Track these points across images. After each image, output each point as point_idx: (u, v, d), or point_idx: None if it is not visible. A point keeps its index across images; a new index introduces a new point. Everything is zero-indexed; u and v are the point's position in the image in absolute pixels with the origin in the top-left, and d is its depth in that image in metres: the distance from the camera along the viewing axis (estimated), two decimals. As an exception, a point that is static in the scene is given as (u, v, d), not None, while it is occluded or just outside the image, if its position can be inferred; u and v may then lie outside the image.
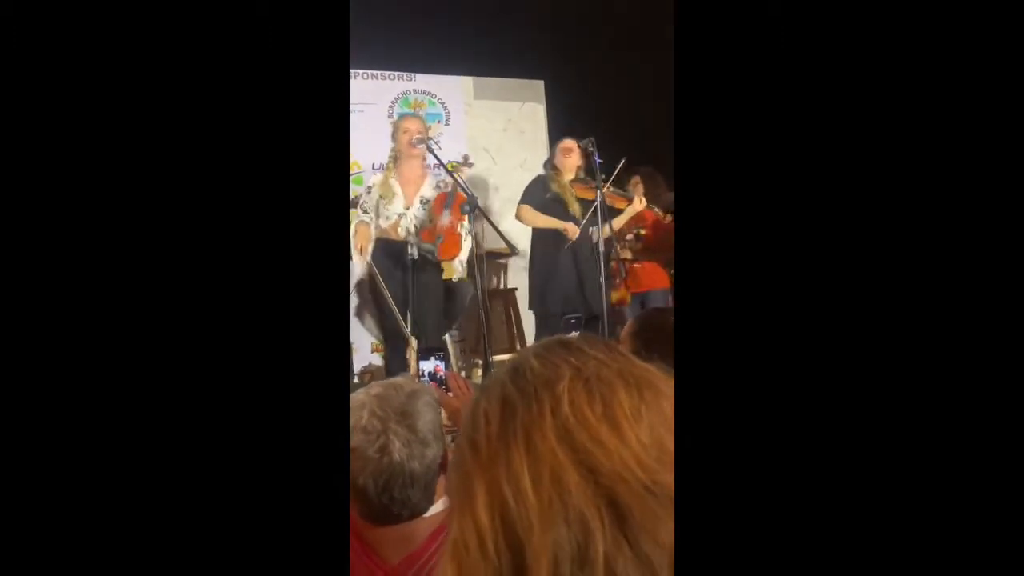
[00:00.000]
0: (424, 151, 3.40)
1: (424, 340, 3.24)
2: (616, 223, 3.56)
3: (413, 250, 3.32)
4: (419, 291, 3.35)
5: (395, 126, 3.53)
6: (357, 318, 3.66)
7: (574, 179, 3.66)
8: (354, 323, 3.67)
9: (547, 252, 3.59)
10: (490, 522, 0.50)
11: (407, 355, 3.35)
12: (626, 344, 1.69)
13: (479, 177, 4.80)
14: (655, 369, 0.56)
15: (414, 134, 3.35)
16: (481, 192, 4.31)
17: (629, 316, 3.44)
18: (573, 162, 3.65)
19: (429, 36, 4.47)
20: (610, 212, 3.46)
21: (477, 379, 3.65)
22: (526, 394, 0.54)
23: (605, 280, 3.39)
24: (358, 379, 3.54)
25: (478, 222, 3.43)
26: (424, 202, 3.39)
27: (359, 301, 3.60)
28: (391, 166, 3.45)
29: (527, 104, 5.14)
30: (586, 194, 3.60)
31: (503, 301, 4.55)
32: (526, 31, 4.50)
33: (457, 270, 3.46)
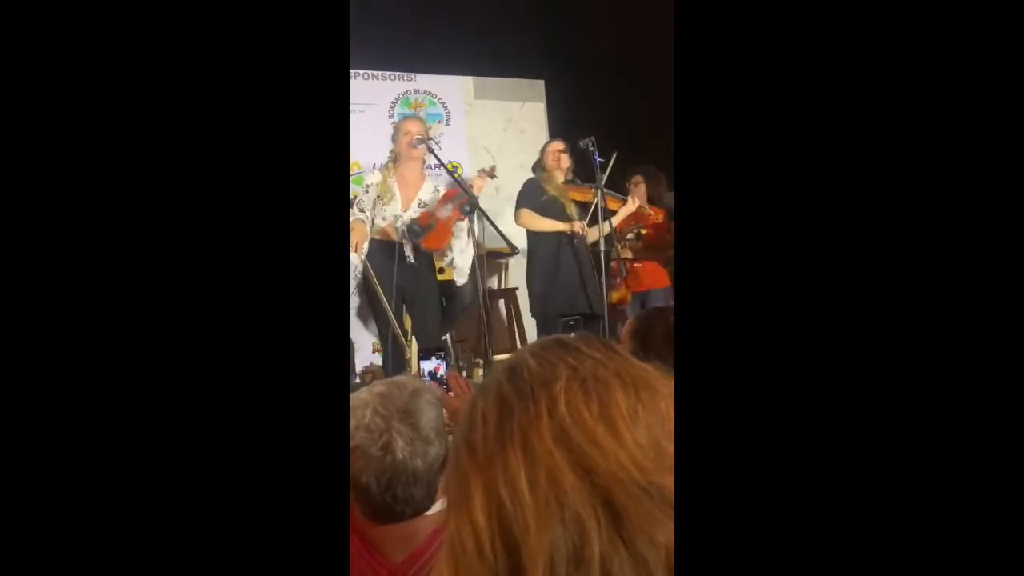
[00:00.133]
0: (424, 153, 3.41)
1: (422, 340, 3.25)
2: (595, 234, 3.56)
3: (408, 251, 3.33)
4: (415, 291, 3.36)
5: (396, 127, 3.54)
6: (359, 318, 3.67)
7: (566, 181, 3.65)
8: (356, 323, 3.67)
9: (544, 254, 3.58)
10: (487, 523, 0.51)
11: (406, 354, 3.36)
12: (626, 343, 1.69)
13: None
14: (652, 369, 0.56)
15: (415, 136, 3.36)
16: (481, 192, 4.31)
17: (630, 315, 3.44)
18: (564, 164, 3.64)
19: (429, 36, 4.47)
20: (607, 213, 3.46)
21: (478, 379, 3.65)
22: (523, 394, 0.54)
23: (605, 280, 3.39)
24: (360, 379, 3.54)
25: (478, 222, 3.43)
26: (422, 205, 3.40)
27: (360, 301, 3.61)
28: (390, 166, 3.46)
29: (528, 104, 5.14)
30: (581, 196, 3.60)
31: (504, 301, 4.56)
32: (526, 31, 4.50)
33: (450, 262, 3.46)
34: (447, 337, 3.66)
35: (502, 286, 4.65)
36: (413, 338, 3.38)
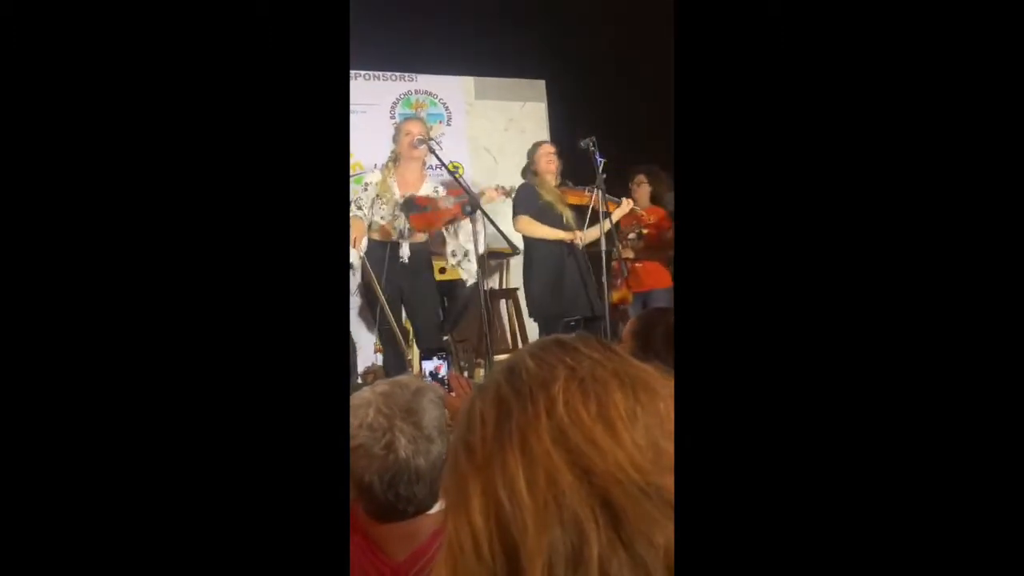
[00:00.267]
0: (424, 153, 3.42)
1: (421, 340, 3.25)
2: (593, 232, 3.56)
3: (403, 250, 3.34)
4: (412, 291, 3.37)
5: (397, 128, 3.56)
6: (360, 318, 3.67)
7: (560, 184, 3.65)
8: (357, 323, 3.68)
9: (541, 258, 3.57)
10: (485, 524, 0.50)
11: (405, 355, 3.37)
12: (627, 343, 1.70)
13: (480, 177, 4.82)
14: (651, 369, 0.56)
15: (415, 136, 3.38)
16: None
17: (632, 315, 3.44)
18: (555, 167, 3.64)
19: (430, 37, 4.48)
20: (606, 214, 3.46)
21: (479, 379, 3.65)
22: (521, 395, 0.53)
23: (606, 280, 3.40)
24: (361, 379, 3.55)
25: (479, 222, 3.44)
26: (432, 230, 3.42)
27: (362, 301, 3.61)
28: (390, 166, 3.47)
29: (528, 104, 5.15)
30: (576, 199, 3.60)
31: (505, 301, 4.57)
32: (527, 31, 4.51)
33: (458, 263, 3.47)
34: (448, 337, 3.66)
35: (503, 286, 4.66)
36: (414, 339, 3.39)
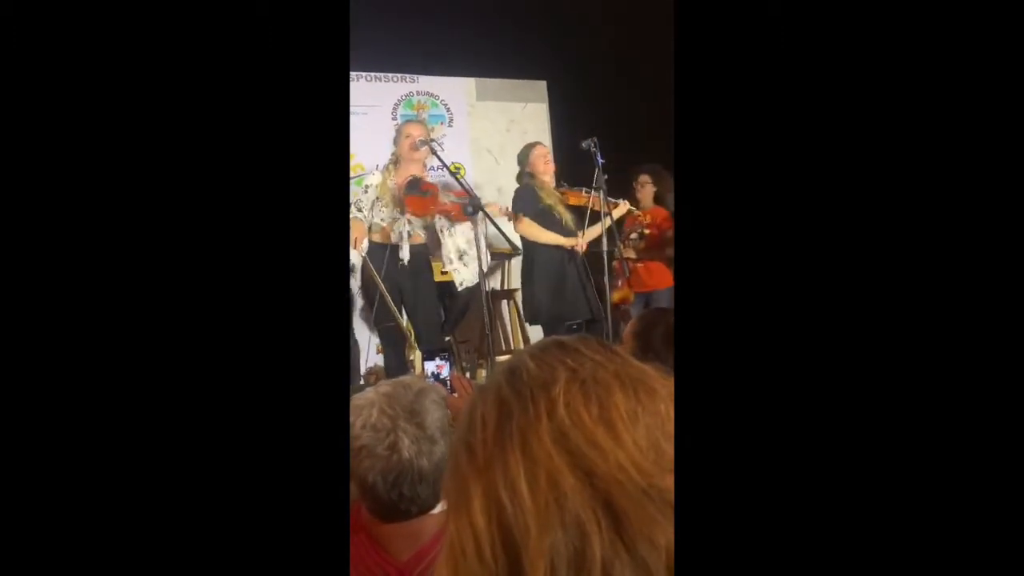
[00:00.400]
0: (425, 156, 3.44)
1: (423, 341, 3.26)
2: (594, 231, 3.57)
3: (403, 252, 3.36)
4: (413, 292, 3.38)
5: (397, 131, 3.57)
6: (362, 320, 3.68)
7: (558, 185, 3.66)
8: (359, 325, 3.69)
9: (541, 261, 3.57)
10: (486, 526, 0.50)
11: (406, 353, 3.38)
12: (628, 344, 1.70)
13: (482, 178, 4.83)
14: (652, 370, 0.56)
15: (416, 139, 3.39)
16: (484, 193, 4.33)
17: (634, 316, 3.45)
18: (551, 168, 3.65)
19: (432, 38, 4.48)
20: (603, 211, 3.47)
21: (481, 380, 3.66)
22: (522, 396, 0.53)
23: (608, 280, 3.40)
24: (364, 380, 3.56)
25: (480, 224, 3.45)
26: (425, 216, 3.43)
27: (363, 303, 3.62)
28: (391, 168, 3.49)
29: (530, 105, 5.15)
30: (576, 200, 3.61)
31: (507, 301, 4.57)
32: (528, 32, 4.51)
33: (452, 266, 3.48)
34: (450, 338, 3.67)
35: (505, 287, 4.66)
36: (415, 340, 3.40)
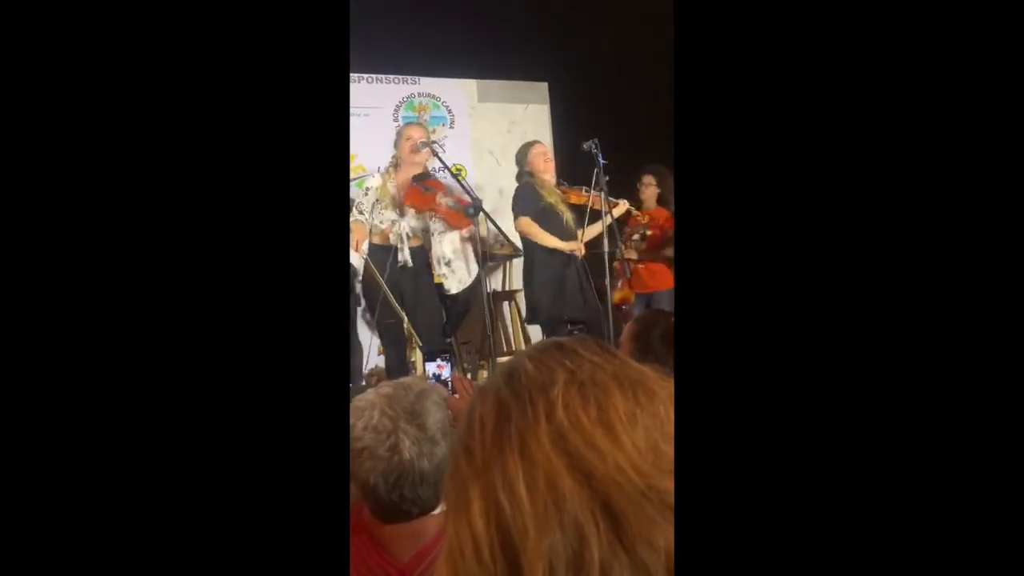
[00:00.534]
0: (425, 158, 3.45)
1: (423, 343, 3.27)
2: (593, 230, 3.57)
3: (403, 255, 3.36)
4: (413, 293, 3.39)
5: (398, 133, 3.59)
6: (364, 321, 3.69)
7: (558, 184, 3.66)
8: (362, 327, 3.70)
9: (542, 262, 3.57)
10: (485, 528, 0.50)
11: (407, 354, 3.39)
12: (626, 346, 1.71)
13: (483, 179, 4.83)
14: (651, 372, 0.56)
15: (416, 141, 3.41)
16: (485, 194, 4.33)
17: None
18: (551, 166, 3.66)
19: (433, 40, 4.49)
20: (604, 211, 3.48)
21: (483, 381, 3.66)
22: (520, 398, 0.53)
23: (609, 281, 3.41)
24: (365, 381, 3.56)
25: (482, 225, 3.46)
26: (419, 211, 3.44)
27: (364, 305, 3.63)
28: (391, 171, 3.50)
29: (531, 106, 5.15)
30: (576, 199, 3.61)
31: (508, 302, 4.57)
32: (529, 33, 4.51)
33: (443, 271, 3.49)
34: (451, 339, 3.67)
35: (506, 288, 4.67)
36: (416, 341, 3.40)
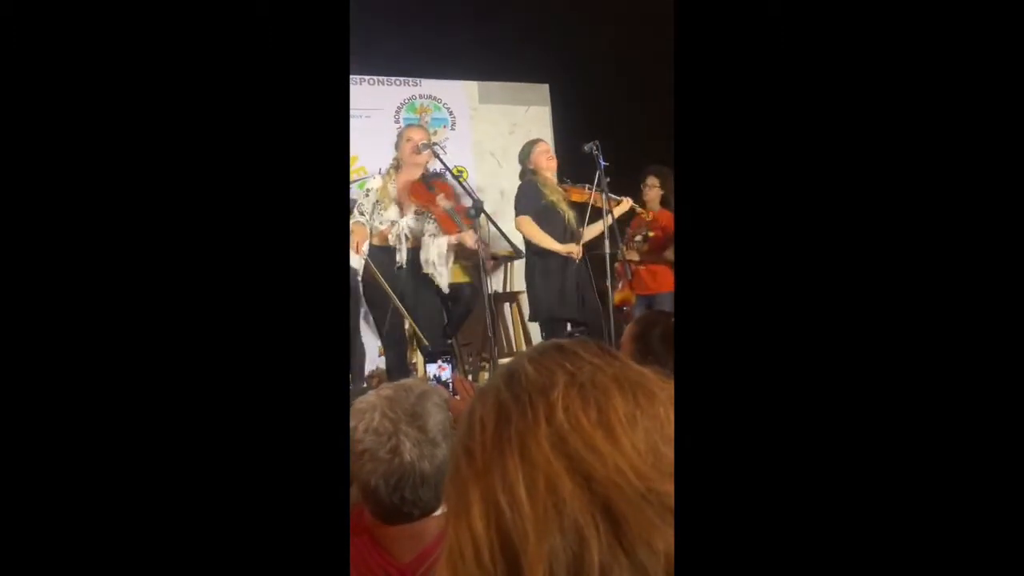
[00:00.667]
0: (426, 160, 3.46)
1: (423, 344, 3.28)
2: (594, 230, 3.57)
3: (400, 256, 3.37)
4: (413, 294, 3.39)
5: (399, 135, 3.60)
6: (366, 323, 3.69)
7: (562, 183, 3.67)
8: (364, 328, 3.70)
9: (544, 260, 3.59)
10: (485, 531, 0.50)
11: (408, 356, 3.39)
12: (627, 347, 1.71)
13: (485, 181, 4.84)
14: (651, 373, 0.56)
15: (417, 142, 3.41)
16: (486, 196, 4.34)
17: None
18: (553, 164, 3.66)
19: (434, 42, 4.49)
20: (605, 213, 3.48)
21: (484, 382, 3.66)
22: (520, 401, 0.53)
23: (610, 282, 3.41)
24: (367, 383, 3.57)
25: (483, 227, 3.46)
26: (419, 213, 3.44)
27: (365, 308, 3.63)
28: (392, 173, 3.51)
29: (532, 108, 5.15)
30: (578, 197, 3.61)
31: (509, 304, 4.58)
32: (530, 35, 4.52)
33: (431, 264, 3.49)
34: (452, 340, 3.68)
35: (507, 289, 4.67)
36: (417, 343, 3.40)
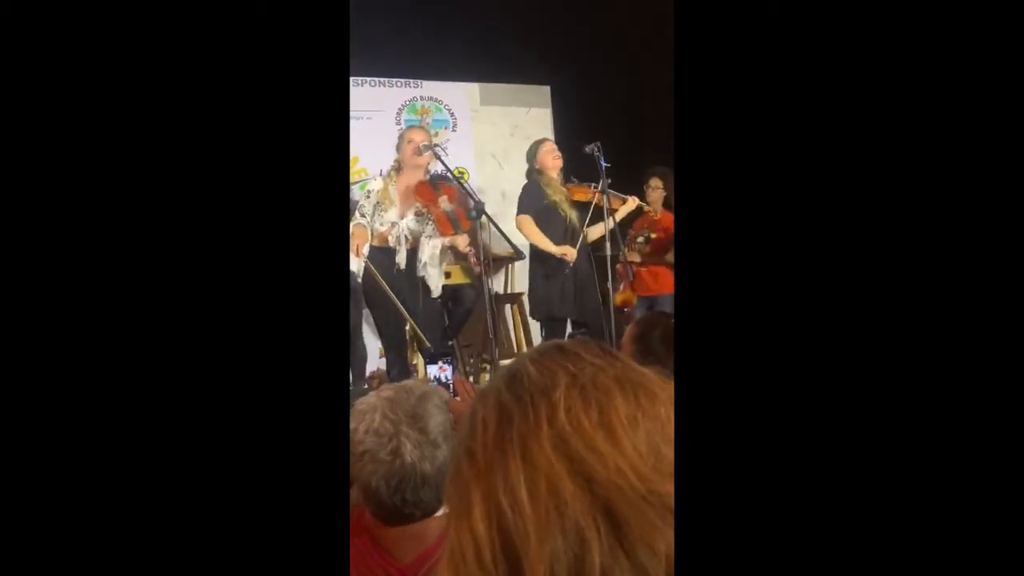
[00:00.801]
0: (427, 162, 3.47)
1: (424, 345, 3.28)
2: (596, 231, 3.56)
3: (400, 257, 3.37)
4: (413, 296, 3.40)
5: (400, 137, 3.60)
6: (367, 324, 3.70)
7: (566, 182, 3.67)
8: (365, 330, 3.70)
9: (545, 260, 3.59)
10: (487, 532, 0.50)
11: (409, 357, 3.39)
12: (627, 348, 1.71)
13: (486, 182, 4.84)
14: (652, 374, 0.56)
15: (418, 144, 3.42)
16: (487, 198, 4.34)
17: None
18: (559, 163, 3.67)
19: (435, 44, 4.50)
20: (609, 213, 3.48)
21: (485, 384, 3.66)
22: (522, 402, 0.53)
23: (611, 283, 3.41)
24: (367, 384, 3.57)
25: (484, 228, 3.46)
26: (419, 214, 3.44)
27: (366, 310, 3.63)
28: (392, 175, 3.51)
29: (533, 109, 5.16)
30: (582, 196, 3.62)
31: (510, 305, 4.58)
32: (531, 37, 4.52)
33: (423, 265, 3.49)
34: (453, 342, 3.68)
35: (508, 290, 4.67)
36: (417, 344, 3.41)
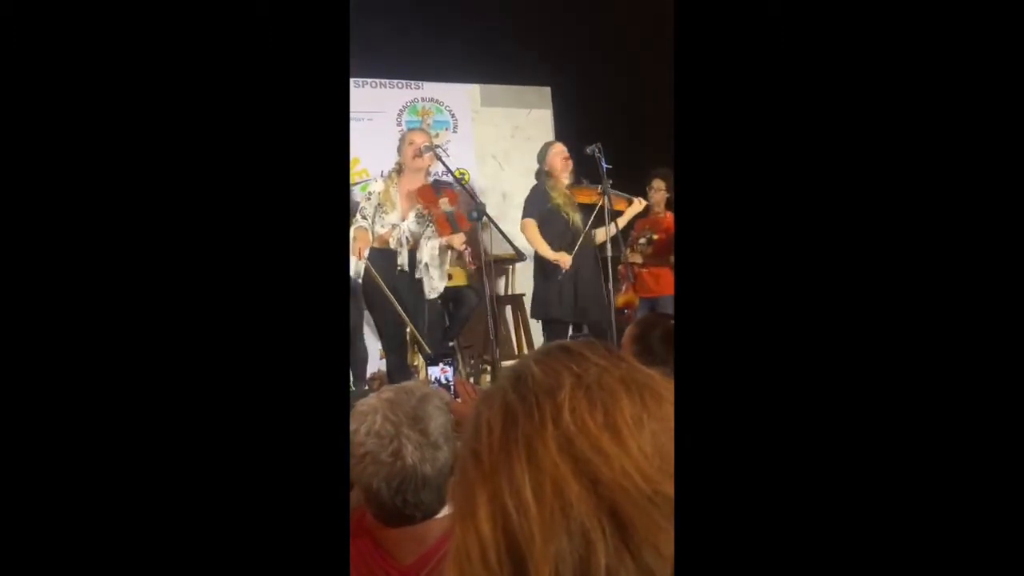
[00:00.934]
0: (428, 163, 3.47)
1: (424, 346, 3.28)
2: (603, 233, 3.56)
3: (401, 259, 3.37)
4: (414, 297, 3.40)
5: (400, 139, 3.61)
6: (368, 325, 3.70)
7: (572, 184, 3.67)
8: (366, 331, 3.70)
9: (542, 264, 3.59)
10: (492, 533, 0.50)
11: (409, 358, 3.38)
12: (628, 348, 1.70)
13: (487, 184, 4.84)
14: (657, 375, 0.55)
15: (419, 145, 3.42)
16: (488, 199, 4.34)
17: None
18: (568, 165, 3.67)
19: (436, 45, 4.50)
20: (613, 214, 3.47)
21: (485, 385, 3.66)
22: (527, 403, 0.53)
23: (613, 284, 3.41)
24: (368, 385, 3.57)
25: (485, 229, 3.46)
26: (419, 215, 3.44)
27: (366, 312, 3.63)
28: (393, 176, 3.52)
29: (534, 110, 5.16)
30: (586, 198, 3.61)
31: (511, 307, 4.58)
32: (532, 38, 4.52)
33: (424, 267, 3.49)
34: (454, 343, 3.68)
35: (509, 292, 4.67)
36: (418, 346, 3.40)
